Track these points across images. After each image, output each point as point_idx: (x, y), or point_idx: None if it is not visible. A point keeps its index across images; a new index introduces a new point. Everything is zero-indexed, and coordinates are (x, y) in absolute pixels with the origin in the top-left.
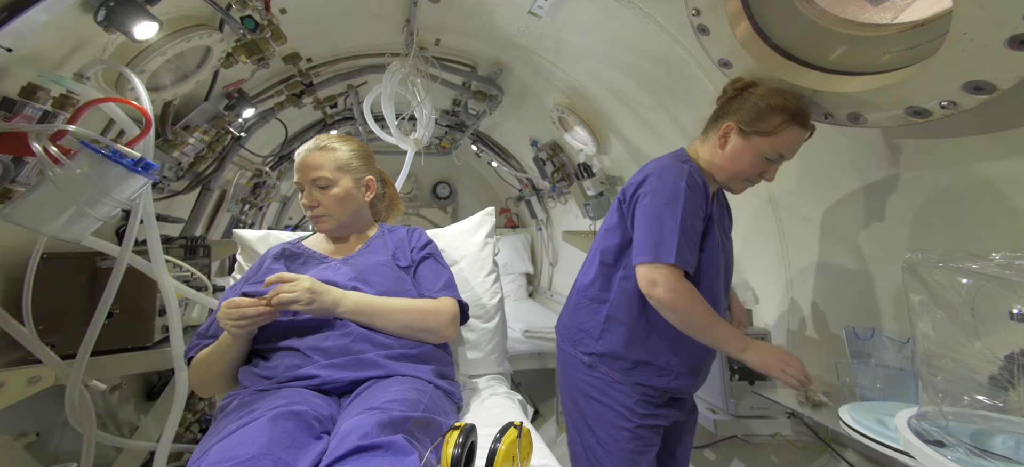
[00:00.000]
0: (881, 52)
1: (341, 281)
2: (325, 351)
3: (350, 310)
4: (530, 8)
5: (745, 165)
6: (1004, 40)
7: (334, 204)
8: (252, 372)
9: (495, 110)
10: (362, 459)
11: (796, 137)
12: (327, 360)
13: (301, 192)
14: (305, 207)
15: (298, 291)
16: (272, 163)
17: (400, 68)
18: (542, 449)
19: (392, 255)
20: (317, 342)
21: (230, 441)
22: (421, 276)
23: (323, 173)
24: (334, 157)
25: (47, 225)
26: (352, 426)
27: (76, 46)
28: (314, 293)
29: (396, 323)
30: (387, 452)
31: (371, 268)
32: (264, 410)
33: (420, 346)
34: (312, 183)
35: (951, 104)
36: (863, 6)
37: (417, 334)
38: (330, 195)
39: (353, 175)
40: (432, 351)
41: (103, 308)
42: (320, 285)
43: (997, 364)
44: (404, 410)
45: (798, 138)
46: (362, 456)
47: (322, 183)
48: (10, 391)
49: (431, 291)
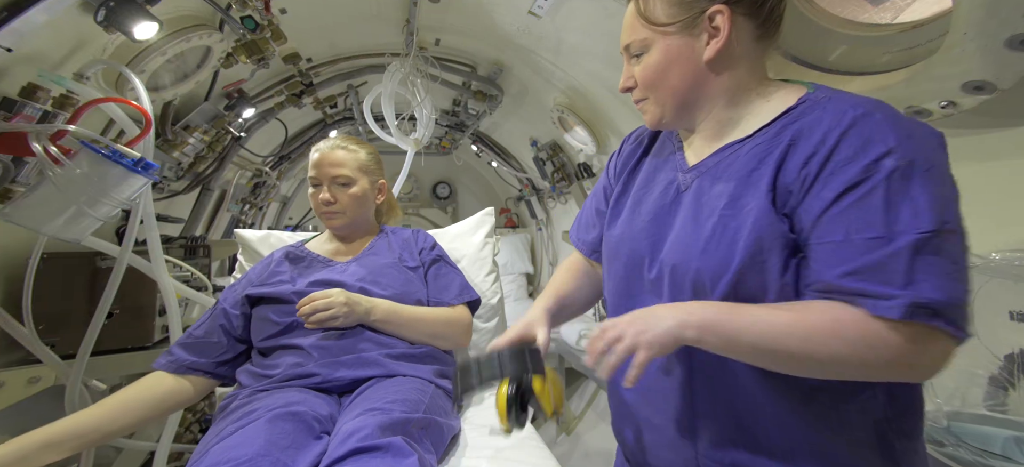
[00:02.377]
0: (881, 52)
1: (348, 282)
2: (327, 350)
3: (381, 319)
4: (530, 8)
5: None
6: (1004, 40)
7: (351, 203)
8: (251, 371)
9: (495, 110)
10: (362, 460)
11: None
12: (329, 358)
13: (316, 187)
14: (320, 202)
15: (335, 307)
16: (272, 163)
17: (400, 68)
18: (542, 449)
19: (398, 256)
20: (319, 341)
21: (229, 442)
22: (434, 282)
23: (345, 171)
24: (356, 158)
25: (47, 225)
26: (353, 427)
27: (76, 46)
28: (350, 305)
29: (421, 332)
30: (387, 454)
31: (379, 269)
32: (263, 411)
33: (422, 346)
34: (332, 179)
35: (951, 104)
36: (863, 6)
37: (436, 341)
38: (348, 193)
39: (370, 177)
40: (433, 351)
41: (103, 308)
42: (353, 296)
43: (997, 364)
44: (405, 411)
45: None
46: (362, 457)
47: (342, 180)
48: (10, 391)
49: (447, 298)
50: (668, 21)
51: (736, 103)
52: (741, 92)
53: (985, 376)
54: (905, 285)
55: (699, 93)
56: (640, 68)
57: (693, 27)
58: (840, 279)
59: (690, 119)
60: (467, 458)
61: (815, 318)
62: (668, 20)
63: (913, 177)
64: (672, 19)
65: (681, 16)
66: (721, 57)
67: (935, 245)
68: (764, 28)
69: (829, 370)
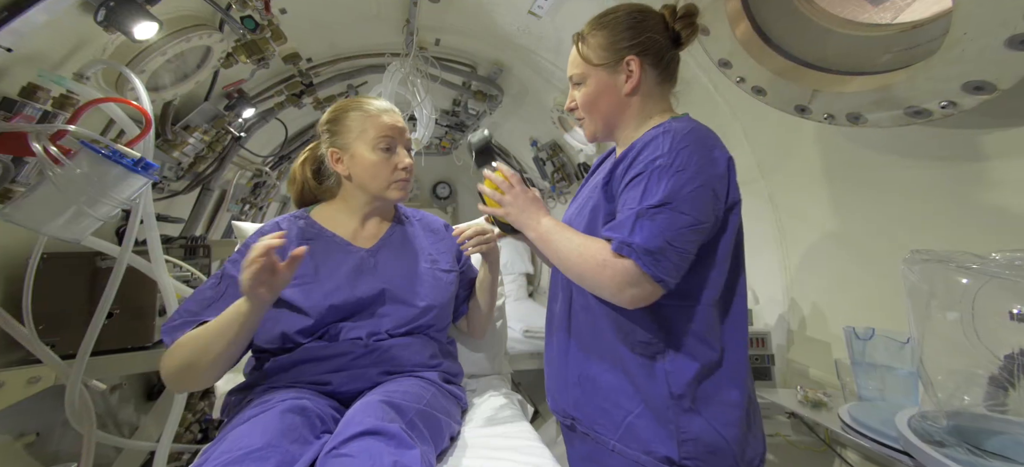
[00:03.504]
0: (881, 52)
1: (365, 293)
2: (349, 373)
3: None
4: (530, 8)
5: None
6: (1004, 40)
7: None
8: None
9: (495, 110)
10: (366, 441)
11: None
12: (345, 373)
13: (388, 151)
14: (400, 169)
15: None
16: (272, 163)
17: (400, 68)
18: (542, 449)
19: (430, 256)
20: (341, 364)
21: (241, 430)
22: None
23: (409, 138)
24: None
25: (47, 225)
26: (358, 411)
27: (76, 46)
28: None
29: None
30: (391, 440)
31: (408, 274)
32: (275, 402)
33: (433, 359)
34: (405, 144)
35: (951, 104)
36: (863, 6)
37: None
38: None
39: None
40: (442, 362)
41: (103, 308)
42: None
43: (997, 364)
44: (408, 401)
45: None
46: (367, 439)
47: (408, 146)
48: (10, 391)
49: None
50: (599, 62)
51: (640, 127)
52: (644, 118)
53: (985, 376)
54: (627, 234)
55: (619, 117)
56: (580, 95)
57: (616, 67)
58: (606, 230)
59: (612, 136)
60: (467, 458)
61: (589, 244)
62: (599, 61)
63: (665, 173)
64: (602, 61)
65: (608, 59)
66: (634, 92)
67: (652, 214)
68: (665, 75)
69: (586, 279)
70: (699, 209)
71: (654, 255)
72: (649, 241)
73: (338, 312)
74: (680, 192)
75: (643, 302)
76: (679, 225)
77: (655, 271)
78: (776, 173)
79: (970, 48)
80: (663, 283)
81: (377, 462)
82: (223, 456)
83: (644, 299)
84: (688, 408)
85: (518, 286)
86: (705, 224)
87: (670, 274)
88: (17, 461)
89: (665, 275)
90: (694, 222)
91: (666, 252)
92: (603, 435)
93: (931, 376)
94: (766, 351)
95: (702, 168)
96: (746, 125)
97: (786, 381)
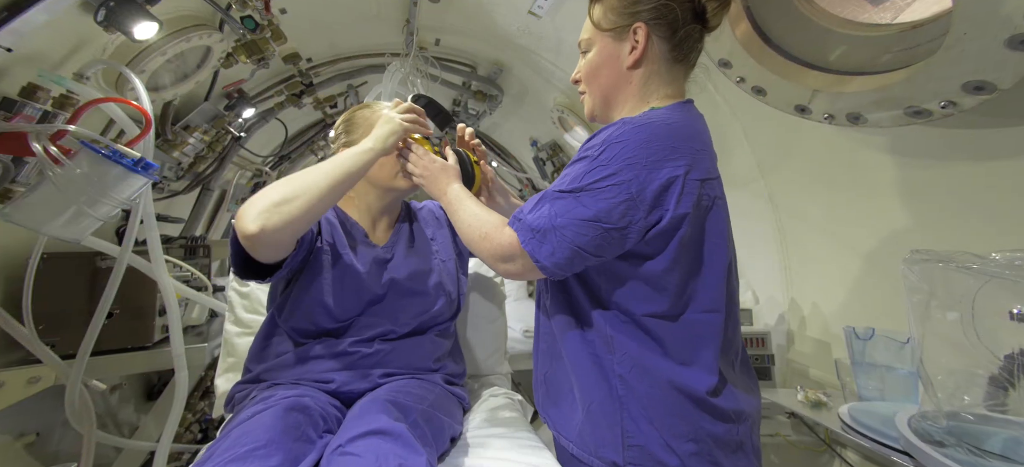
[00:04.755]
0: (881, 52)
1: (382, 291)
2: (353, 373)
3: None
4: (530, 8)
5: None
6: (1004, 40)
7: None
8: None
9: (495, 110)
10: (372, 441)
11: None
12: (349, 372)
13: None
14: None
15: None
16: (272, 163)
17: (400, 68)
18: (542, 449)
19: (440, 256)
20: (346, 363)
21: (245, 427)
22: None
23: None
24: None
25: (47, 225)
26: (363, 410)
27: (76, 46)
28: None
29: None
30: (397, 441)
31: (420, 269)
32: (278, 399)
33: (438, 362)
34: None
35: (951, 104)
36: (863, 6)
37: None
38: None
39: None
40: (445, 364)
41: (103, 308)
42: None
43: (997, 364)
44: (412, 401)
45: None
46: (373, 438)
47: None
48: (10, 391)
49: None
50: (607, 27)
51: (635, 109)
52: (641, 100)
53: (985, 376)
54: (526, 211)
55: (617, 93)
56: (584, 63)
57: (623, 34)
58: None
59: (610, 115)
60: (467, 458)
61: (483, 215)
62: (607, 26)
63: (587, 164)
64: (611, 25)
65: (617, 23)
66: (637, 65)
67: (554, 197)
68: (677, 53)
69: (474, 246)
70: (604, 209)
71: (537, 234)
72: (537, 220)
73: (359, 306)
74: (591, 186)
75: (518, 277)
76: (576, 215)
77: (532, 249)
78: (776, 173)
79: (970, 48)
80: (540, 265)
81: (383, 462)
82: (227, 453)
83: (518, 274)
84: (635, 413)
85: (518, 286)
86: (608, 226)
87: (548, 258)
88: (17, 461)
89: (542, 257)
90: (594, 217)
91: (548, 235)
92: (562, 435)
93: (931, 376)
94: (766, 351)
95: (626, 170)
96: (746, 125)
97: (786, 381)
